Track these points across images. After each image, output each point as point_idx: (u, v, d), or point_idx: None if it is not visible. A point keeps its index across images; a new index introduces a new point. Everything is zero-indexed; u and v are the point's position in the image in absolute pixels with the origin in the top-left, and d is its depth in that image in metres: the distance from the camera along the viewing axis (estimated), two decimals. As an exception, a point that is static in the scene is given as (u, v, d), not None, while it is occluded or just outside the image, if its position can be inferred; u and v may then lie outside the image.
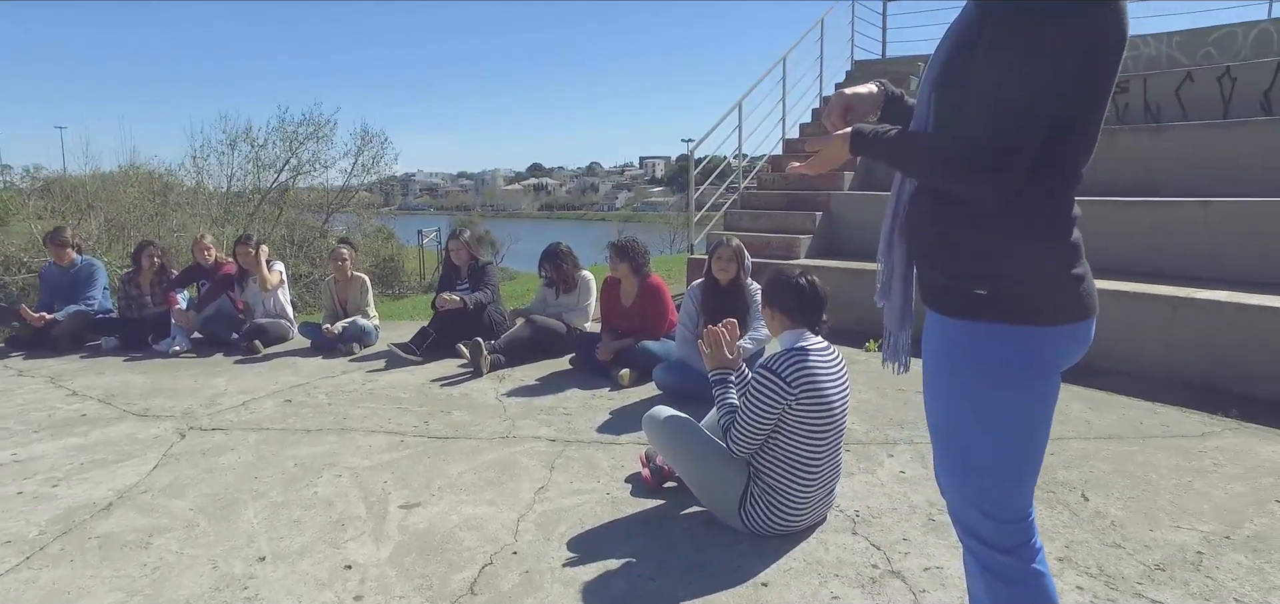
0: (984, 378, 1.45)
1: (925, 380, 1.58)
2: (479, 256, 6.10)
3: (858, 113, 1.69)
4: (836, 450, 2.87)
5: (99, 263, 6.90)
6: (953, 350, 1.49)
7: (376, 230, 25.97)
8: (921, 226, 1.56)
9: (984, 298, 1.42)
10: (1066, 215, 1.43)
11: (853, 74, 10.61)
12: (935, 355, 1.54)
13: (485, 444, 3.90)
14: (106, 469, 3.63)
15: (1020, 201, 1.38)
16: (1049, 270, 1.42)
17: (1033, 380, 1.44)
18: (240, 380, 5.27)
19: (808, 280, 2.88)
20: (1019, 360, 1.42)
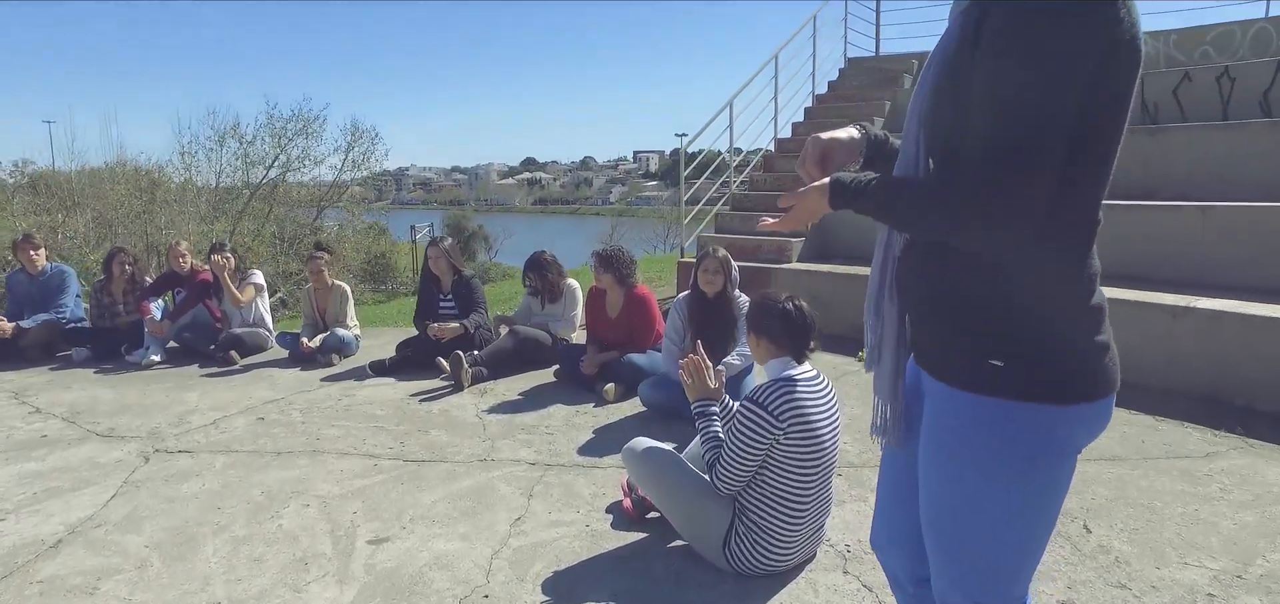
0: (994, 460, 1.27)
1: (922, 453, 1.40)
2: (462, 269, 5.86)
3: (836, 160, 1.50)
4: (826, 484, 2.71)
5: (70, 270, 6.70)
6: (958, 427, 1.30)
7: (369, 226, 25.77)
8: (920, 284, 1.37)
9: (1000, 371, 1.24)
10: (1088, 272, 1.25)
11: (846, 71, 10.45)
12: (936, 431, 1.35)
13: (462, 468, 3.74)
14: (60, 499, 3.46)
15: (1036, 256, 1.20)
16: (1073, 339, 1.23)
17: (1049, 465, 1.27)
18: (213, 395, 5.09)
19: (795, 305, 2.70)
20: (1036, 443, 1.24)
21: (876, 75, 10.02)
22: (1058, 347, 1.23)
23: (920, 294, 1.37)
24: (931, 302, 1.35)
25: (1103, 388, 1.26)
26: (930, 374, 1.36)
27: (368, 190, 25.58)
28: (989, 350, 1.25)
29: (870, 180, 1.34)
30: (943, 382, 1.33)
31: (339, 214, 23.09)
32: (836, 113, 9.54)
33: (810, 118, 9.78)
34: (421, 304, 5.89)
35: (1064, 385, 1.23)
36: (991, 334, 1.25)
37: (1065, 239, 1.22)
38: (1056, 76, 1.09)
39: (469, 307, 5.69)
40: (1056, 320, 1.23)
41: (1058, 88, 1.09)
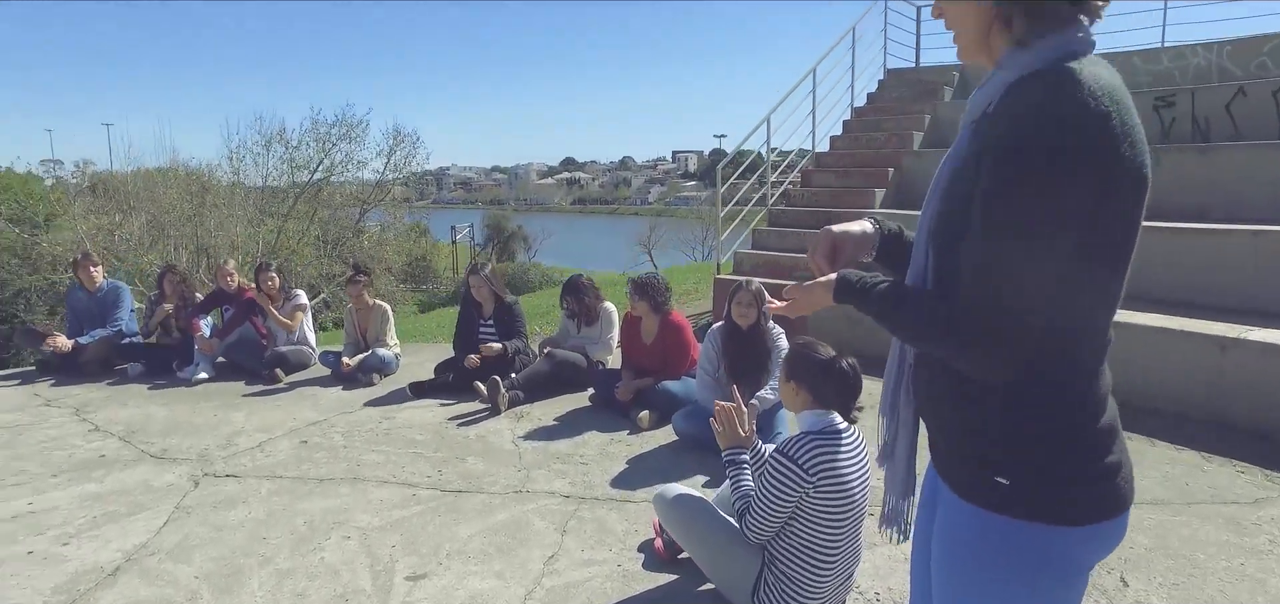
0: (1001, 577, 1.26)
1: (934, 553, 1.40)
2: (503, 295, 5.93)
3: (846, 254, 1.52)
4: (856, 535, 2.71)
5: (125, 286, 6.95)
6: (968, 540, 1.30)
7: (410, 227, 26.18)
8: (931, 394, 1.37)
9: (1006, 489, 1.23)
10: (1097, 392, 1.23)
11: (885, 82, 10.34)
12: (948, 540, 1.35)
13: (498, 500, 3.81)
14: (117, 524, 3.61)
15: (1041, 375, 1.19)
16: (1081, 460, 1.22)
17: (1057, 584, 1.25)
18: (259, 415, 5.25)
19: (849, 365, 2.64)
20: (1044, 563, 1.23)
21: (916, 87, 9.90)
22: (1065, 468, 1.21)
23: (931, 403, 1.38)
24: (941, 413, 1.36)
25: (1113, 508, 1.24)
26: (946, 483, 1.36)
27: (409, 190, 25.97)
28: (995, 468, 1.24)
29: (876, 283, 1.36)
30: (954, 491, 1.33)
31: (381, 215, 23.50)
32: (874, 126, 9.46)
33: (848, 131, 9.70)
34: (461, 328, 5.97)
35: (1072, 507, 1.22)
36: (998, 452, 1.24)
37: (1069, 361, 1.21)
38: (1049, 223, 1.09)
39: (510, 333, 5.77)
40: (1063, 442, 1.21)
41: (1050, 233, 1.10)
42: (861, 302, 1.38)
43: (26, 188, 31.79)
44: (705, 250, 41.52)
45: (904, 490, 1.55)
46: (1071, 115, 1.08)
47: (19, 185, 33.40)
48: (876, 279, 1.38)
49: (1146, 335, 5.00)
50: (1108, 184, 1.10)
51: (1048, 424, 1.21)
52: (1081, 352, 1.22)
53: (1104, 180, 1.09)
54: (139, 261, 16.70)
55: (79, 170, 31.27)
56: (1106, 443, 1.23)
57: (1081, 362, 1.22)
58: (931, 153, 8.65)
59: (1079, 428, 1.22)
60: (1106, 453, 1.23)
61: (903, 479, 1.54)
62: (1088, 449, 1.22)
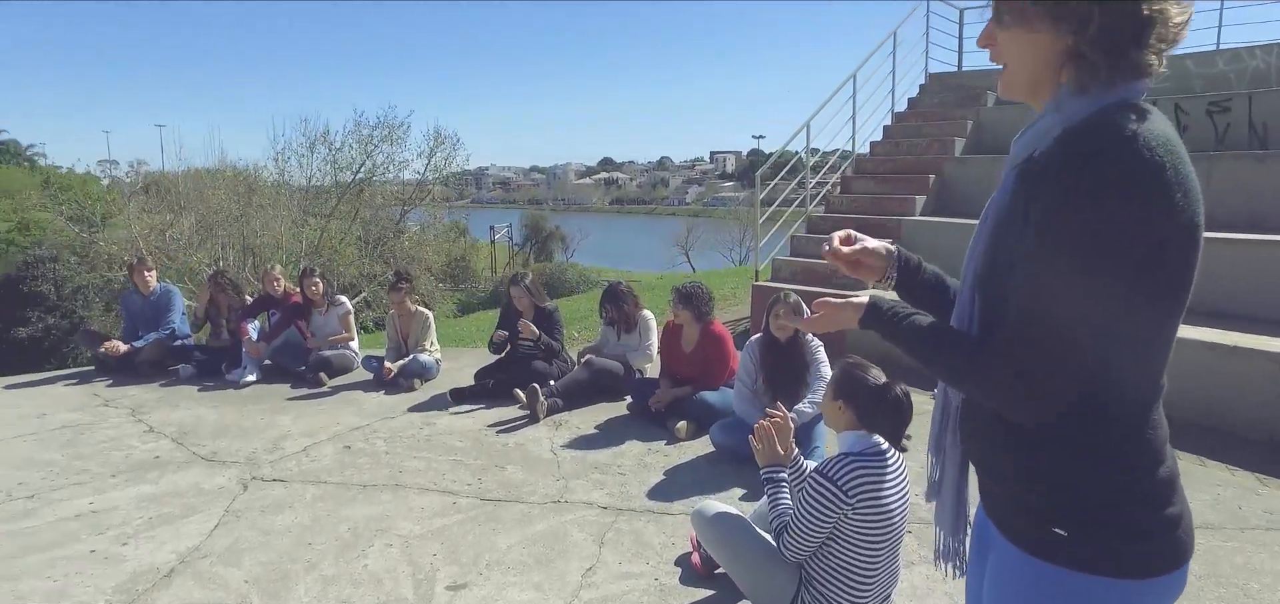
0: None
1: (986, 601, 1.38)
2: (544, 303, 6.01)
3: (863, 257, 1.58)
4: (894, 557, 2.70)
5: (176, 290, 7.17)
6: (1022, 588, 1.27)
7: (449, 226, 26.51)
8: (981, 437, 1.34)
9: (1063, 540, 1.20)
10: (1152, 441, 1.20)
11: (926, 87, 10.20)
12: (1001, 587, 1.33)
13: (537, 510, 3.86)
14: (171, 526, 3.73)
15: (1093, 423, 1.17)
16: (1140, 511, 1.19)
17: None
18: (304, 419, 5.38)
19: (902, 392, 2.61)
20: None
21: (959, 92, 9.75)
22: (1123, 521, 1.19)
23: (982, 448, 1.36)
24: (990, 457, 1.33)
25: (1173, 561, 1.21)
26: (998, 528, 1.34)
27: (449, 190, 26.29)
28: (1051, 517, 1.22)
29: (908, 315, 1.38)
30: (1007, 538, 1.30)
31: (421, 215, 23.84)
32: (915, 132, 9.34)
33: (888, 137, 9.59)
34: (501, 322, 6.05)
35: (1131, 560, 1.19)
36: (1052, 501, 1.22)
37: (1122, 409, 1.19)
38: (1101, 274, 1.08)
39: (547, 336, 5.84)
40: (1120, 493, 1.19)
41: (1102, 284, 1.08)
42: (891, 330, 1.38)
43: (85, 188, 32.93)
44: (743, 252, 41.39)
45: (955, 527, 1.54)
46: (1126, 168, 1.06)
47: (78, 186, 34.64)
48: (909, 310, 1.38)
49: (1197, 350, 4.88)
50: (1162, 236, 1.08)
51: (1103, 474, 1.19)
52: (1135, 399, 1.20)
53: (1158, 233, 1.07)
54: (188, 261, 17.18)
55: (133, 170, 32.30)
56: (1166, 493, 1.21)
57: (1134, 409, 1.20)
58: (974, 160, 8.52)
59: (1136, 478, 1.20)
60: (1166, 504, 1.21)
61: (952, 515, 1.54)
62: (1146, 500, 1.20)
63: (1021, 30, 1.21)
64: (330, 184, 22.16)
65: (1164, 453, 1.22)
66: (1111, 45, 1.13)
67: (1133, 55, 1.13)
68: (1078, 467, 1.20)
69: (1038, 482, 1.24)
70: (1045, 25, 1.17)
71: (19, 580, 3.25)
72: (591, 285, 24.65)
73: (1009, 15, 1.22)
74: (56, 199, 24.62)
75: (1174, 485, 1.22)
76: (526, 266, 37.70)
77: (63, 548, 3.53)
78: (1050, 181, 1.12)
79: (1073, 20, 1.14)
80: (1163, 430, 1.23)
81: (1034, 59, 1.21)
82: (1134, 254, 1.07)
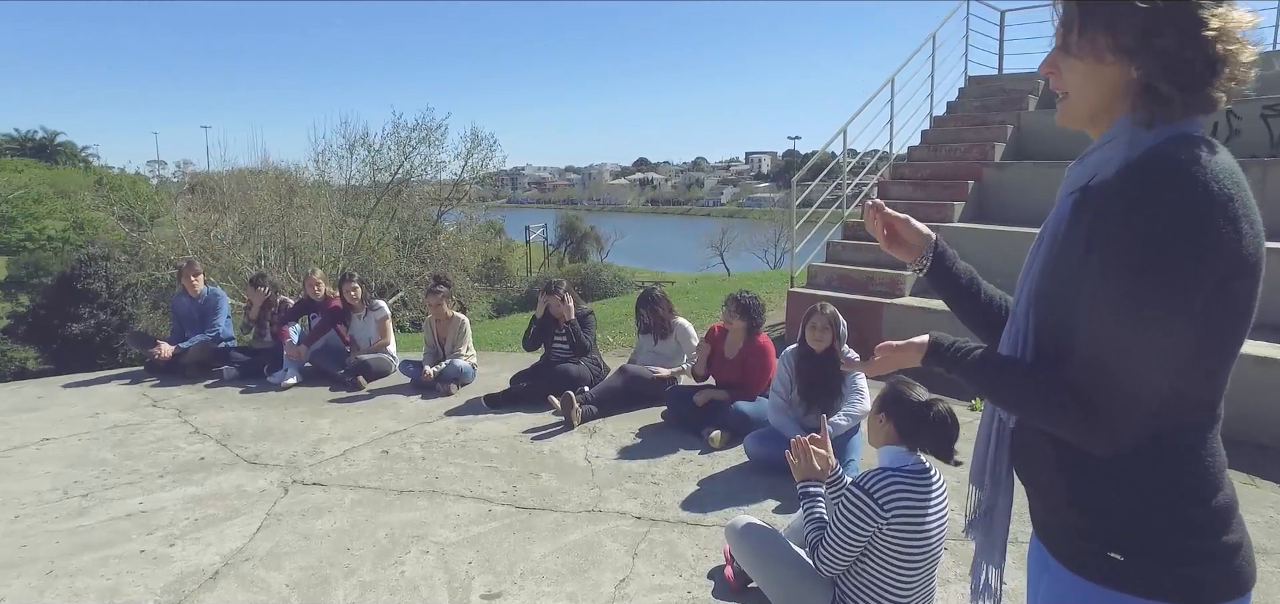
0: None
1: None
2: (578, 306, 6.07)
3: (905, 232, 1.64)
4: (930, 578, 2.68)
5: (223, 293, 7.36)
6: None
7: (484, 226, 26.77)
8: (1035, 462, 1.34)
9: (1119, 565, 1.20)
10: (1211, 466, 1.20)
11: (966, 91, 10.05)
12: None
13: (571, 519, 3.89)
14: (216, 528, 3.83)
15: (1152, 451, 1.18)
16: (1198, 538, 1.19)
17: None
18: (343, 423, 5.48)
19: (946, 410, 2.58)
20: None
21: (999, 96, 9.58)
22: (1182, 547, 1.19)
23: (1036, 473, 1.35)
24: (1046, 482, 1.33)
25: (1234, 589, 1.20)
26: (1051, 553, 1.33)
27: (485, 190, 26.55)
28: (1107, 541, 1.22)
29: (970, 350, 1.38)
30: (1061, 563, 1.30)
31: (458, 215, 24.11)
32: (954, 137, 9.21)
33: (926, 141, 9.46)
34: (537, 336, 6.12)
35: (1190, 586, 1.18)
36: (1108, 526, 1.23)
37: (1181, 436, 1.19)
38: (1166, 309, 1.08)
39: (582, 342, 5.89)
40: (1177, 521, 1.19)
41: (1166, 318, 1.09)
42: (956, 366, 1.39)
43: (135, 188, 33.99)
44: (778, 254, 41.17)
45: (1000, 557, 1.55)
46: (1192, 203, 1.07)
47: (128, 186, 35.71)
48: (971, 345, 1.39)
49: (1251, 365, 4.74)
50: (1226, 270, 1.09)
51: (1161, 501, 1.19)
52: (1194, 427, 1.20)
53: (1222, 267, 1.08)
54: (231, 260, 17.57)
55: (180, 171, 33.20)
56: (1225, 520, 1.21)
57: (1193, 437, 1.20)
58: (1014, 165, 8.37)
59: (1194, 505, 1.20)
60: (1225, 531, 1.20)
61: (1000, 545, 1.54)
62: (1205, 526, 1.20)
63: (1090, 62, 1.20)
64: (369, 184, 22.52)
65: (1222, 480, 1.22)
66: (1186, 82, 1.13)
67: (1205, 91, 1.13)
68: (1136, 494, 1.20)
69: (1094, 507, 1.24)
70: (1117, 58, 1.17)
71: (76, 578, 3.37)
72: (626, 286, 24.70)
73: (1078, 46, 1.21)
74: (108, 199, 25.41)
75: (1233, 512, 1.22)
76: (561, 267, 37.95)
77: (115, 547, 3.65)
78: (1114, 216, 1.12)
79: (1147, 56, 1.14)
80: (1221, 458, 1.23)
81: (1099, 91, 1.21)
82: (1199, 290, 1.08)
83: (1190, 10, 1.10)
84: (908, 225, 1.64)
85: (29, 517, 3.98)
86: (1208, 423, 1.21)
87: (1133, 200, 1.10)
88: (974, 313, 1.59)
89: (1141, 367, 1.11)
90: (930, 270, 1.64)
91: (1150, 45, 1.13)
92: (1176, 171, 1.08)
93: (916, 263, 1.65)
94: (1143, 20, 1.12)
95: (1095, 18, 1.17)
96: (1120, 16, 1.14)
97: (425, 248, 21.91)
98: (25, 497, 4.23)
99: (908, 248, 1.65)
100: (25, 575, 3.40)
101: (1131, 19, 1.13)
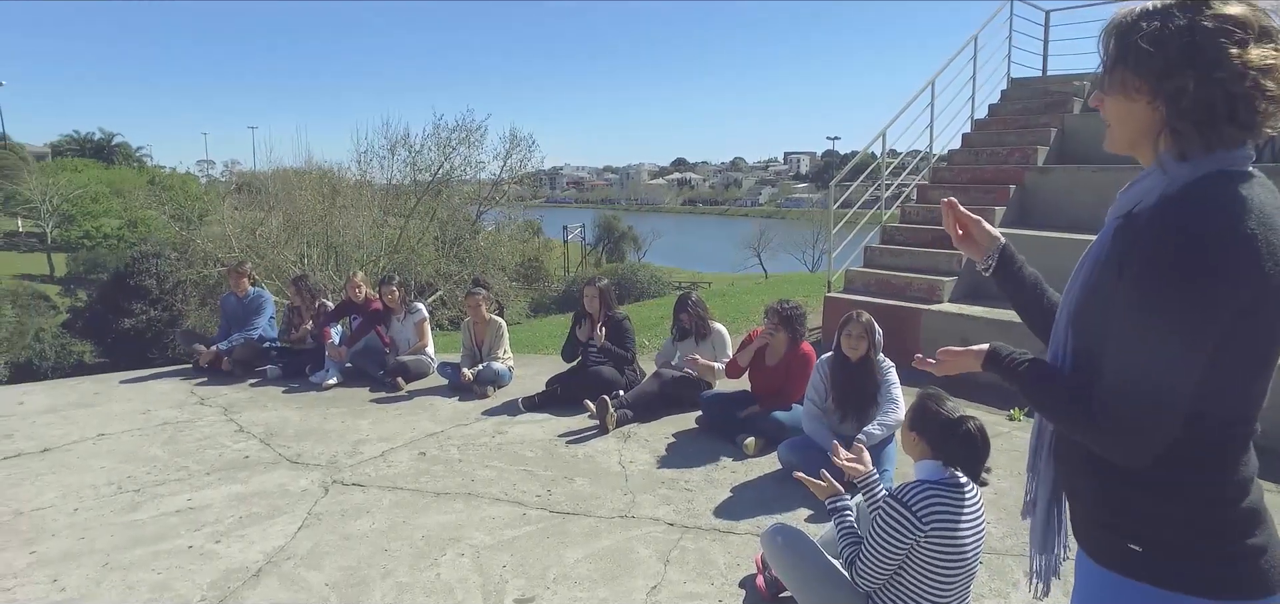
0: None
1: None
2: (614, 309, 6.12)
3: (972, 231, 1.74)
4: (966, 593, 2.66)
5: (268, 294, 7.56)
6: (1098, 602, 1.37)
7: (523, 225, 27.02)
8: (1072, 458, 1.42)
9: (1139, 556, 1.28)
10: (1237, 477, 1.26)
11: (1008, 93, 9.86)
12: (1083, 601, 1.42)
13: (603, 524, 3.92)
14: (259, 526, 3.95)
15: (1179, 463, 1.24)
16: (1219, 538, 1.25)
17: None
18: (382, 424, 5.60)
19: (975, 426, 2.57)
20: None
21: (1043, 98, 9.38)
22: (1206, 545, 1.25)
23: (1071, 474, 1.44)
24: (1080, 485, 1.41)
25: (1252, 590, 1.25)
26: (1082, 547, 1.43)
27: (524, 190, 26.79)
28: (1130, 534, 1.30)
29: (1023, 359, 1.46)
30: (1089, 556, 1.39)
31: (496, 214, 24.36)
32: (996, 140, 9.05)
33: (968, 145, 9.32)
34: (571, 338, 6.19)
35: (1208, 581, 1.24)
36: (1135, 525, 1.30)
37: (1207, 450, 1.25)
38: (1188, 335, 1.15)
39: (617, 345, 5.93)
40: (1201, 521, 1.25)
41: (1189, 344, 1.16)
42: (1009, 375, 1.49)
43: (185, 187, 35.04)
44: (816, 255, 40.85)
45: (1044, 544, 1.64)
46: (1217, 238, 1.13)
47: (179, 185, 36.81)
48: (1024, 355, 1.48)
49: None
50: (1250, 302, 1.14)
51: (1188, 507, 1.26)
52: (1223, 442, 1.26)
53: (1246, 299, 1.14)
54: (276, 259, 17.99)
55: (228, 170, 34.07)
56: (1250, 524, 1.26)
57: (1222, 452, 1.26)
58: (1058, 170, 8.20)
59: (1217, 509, 1.26)
60: (1247, 535, 1.26)
61: (1042, 532, 1.63)
62: (1226, 529, 1.26)
63: (1121, 97, 1.28)
64: (409, 184, 22.86)
65: (1249, 488, 1.28)
66: (1203, 121, 1.19)
67: (1225, 130, 1.18)
68: (1164, 501, 1.27)
69: (1121, 507, 1.32)
70: (1142, 96, 1.24)
71: (129, 571, 3.50)
72: (664, 287, 24.73)
73: (1110, 82, 1.30)
74: (160, 198, 26.21)
75: (1259, 517, 1.28)
76: (598, 266, 38.09)
77: (165, 541, 3.78)
78: (1145, 249, 1.19)
79: (1165, 95, 1.21)
80: (1250, 468, 1.28)
81: (1132, 125, 1.29)
82: (1222, 319, 1.14)
83: (1209, 52, 1.15)
84: (979, 226, 1.74)
85: (87, 509, 4.15)
86: (1237, 437, 1.26)
87: (1159, 233, 1.17)
88: (1038, 317, 1.67)
89: (1160, 389, 1.18)
90: (996, 271, 1.72)
91: (1167, 87, 1.20)
92: (1202, 211, 1.15)
93: (983, 263, 1.74)
94: (1160, 62, 1.19)
95: (1124, 59, 1.25)
96: (1142, 58, 1.21)
97: (464, 247, 22.21)
98: (83, 490, 4.40)
99: (977, 247, 1.75)
100: (83, 567, 3.54)
101: (1150, 62, 1.20)
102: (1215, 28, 1.15)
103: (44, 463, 4.86)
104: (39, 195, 40.56)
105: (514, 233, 24.95)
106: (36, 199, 40.63)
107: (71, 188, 41.64)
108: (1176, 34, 1.17)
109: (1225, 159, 1.19)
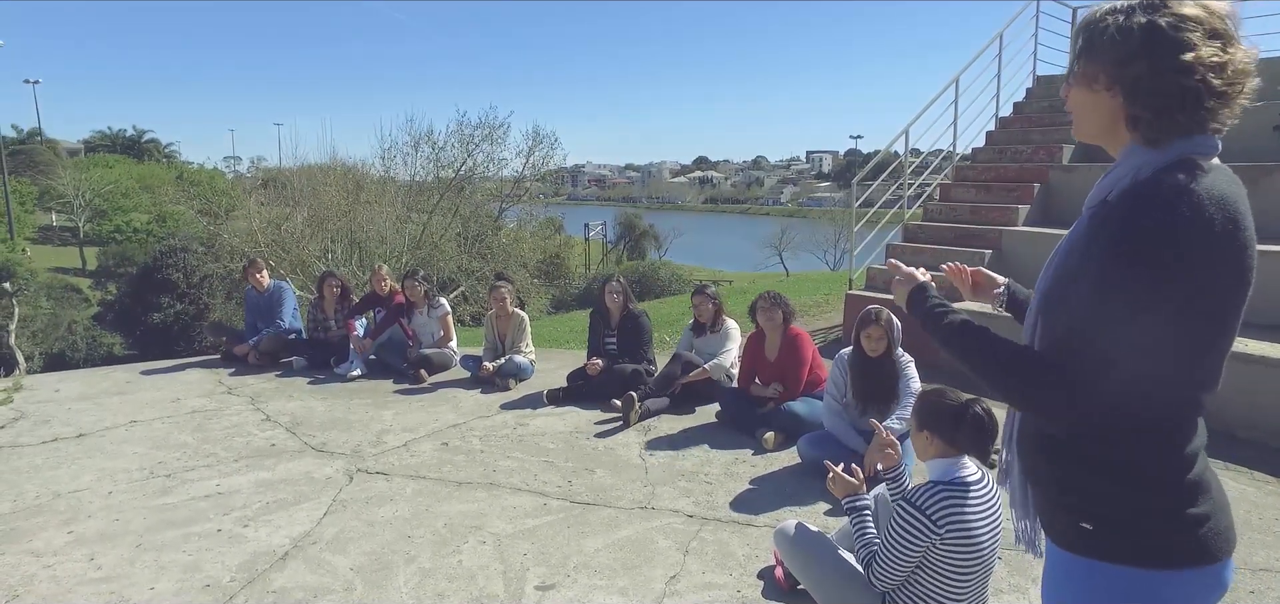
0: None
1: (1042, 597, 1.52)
2: (633, 307, 6.17)
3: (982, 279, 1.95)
4: (983, 588, 2.66)
5: (289, 287, 7.69)
6: (1058, 582, 1.43)
7: (545, 222, 27.12)
8: (1031, 447, 1.47)
9: (1089, 533, 1.34)
10: (1181, 450, 1.32)
11: (1034, 91, 9.78)
12: (1046, 585, 1.48)
13: (624, 515, 3.96)
14: (286, 511, 4.03)
15: (1122, 435, 1.31)
16: (1160, 512, 1.31)
17: None
18: (405, 415, 5.68)
19: (983, 409, 2.58)
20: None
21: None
22: (1146, 514, 1.31)
23: (1032, 460, 1.49)
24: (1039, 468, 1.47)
25: (1197, 558, 1.31)
26: (1044, 530, 1.49)
27: (546, 187, 26.88)
28: (1080, 514, 1.36)
29: (948, 310, 1.54)
30: (1051, 539, 1.46)
31: (518, 211, 24.47)
32: (1020, 138, 8.98)
33: (991, 142, 9.26)
34: (592, 334, 6.25)
35: (1154, 552, 1.31)
36: (1086, 504, 1.36)
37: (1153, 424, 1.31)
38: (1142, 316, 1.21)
39: (632, 343, 5.99)
40: (1145, 497, 1.31)
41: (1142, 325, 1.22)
42: (928, 319, 1.58)
43: (212, 183, 35.53)
44: (837, 254, 40.62)
45: (1023, 510, 1.66)
46: (1176, 223, 1.20)
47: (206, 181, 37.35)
48: (951, 308, 1.55)
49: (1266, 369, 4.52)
50: (1203, 284, 1.21)
51: (1132, 480, 1.32)
52: (1168, 416, 1.32)
53: (1199, 282, 1.21)
54: (300, 254, 18.20)
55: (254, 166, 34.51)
56: (1192, 495, 1.31)
57: (1167, 426, 1.32)
58: (1083, 168, 8.12)
59: (1164, 483, 1.31)
60: (1191, 505, 1.31)
61: (1021, 499, 1.65)
62: (1172, 501, 1.31)
63: (1085, 88, 1.36)
64: (432, 181, 23.02)
65: (1194, 462, 1.33)
66: (1159, 109, 1.26)
67: (1180, 119, 1.26)
68: (1110, 475, 1.33)
69: (1074, 488, 1.37)
70: (1101, 86, 1.33)
71: (161, 552, 3.60)
72: (684, 285, 24.71)
73: (1075, 73, 1.38)
74: (188, 193, 26.61)
75: (1201, 488, 1.33)
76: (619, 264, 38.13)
77: (195, 525, 3.88)
78: (1110, 229, 1.26)
79: (1124, 83, 1.29)
80: (1197, 442, 1.34)
81: (1095, 114, 1.36)
82: (1175, 300, 1.21)
83: (1164, 45, 1.24)
84: (983, 275, 1.99)
85: (121, 493, 4.26)
86: (1184, 413, 1.33)
87: (1123, 218, 1.24)
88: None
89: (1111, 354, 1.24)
90: (1008, 304, 1.90)
91: (1124, 74, 1.28)
92: (1163, 197, 1.22)
93: (995, 304, 1.93)
94: (1120, 52, 1.27)
95: (1088, 51, 1.33)
96: (1103, 49, 1.30)
97: (486, 243, 22.32)
98: (117, 474, 4.52)
99: (987, 292, 1.96)
100: (118, 547, 3.64)
101: (1111, 51, 1.29)
102: (1170, 24, 1.23)
103: (80, 447, 4.99)
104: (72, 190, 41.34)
105: (536, 230, 25.03)
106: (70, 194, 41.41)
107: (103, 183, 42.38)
108: (1136, 29, 1.26)
109: (1192, 145, 1.26)
